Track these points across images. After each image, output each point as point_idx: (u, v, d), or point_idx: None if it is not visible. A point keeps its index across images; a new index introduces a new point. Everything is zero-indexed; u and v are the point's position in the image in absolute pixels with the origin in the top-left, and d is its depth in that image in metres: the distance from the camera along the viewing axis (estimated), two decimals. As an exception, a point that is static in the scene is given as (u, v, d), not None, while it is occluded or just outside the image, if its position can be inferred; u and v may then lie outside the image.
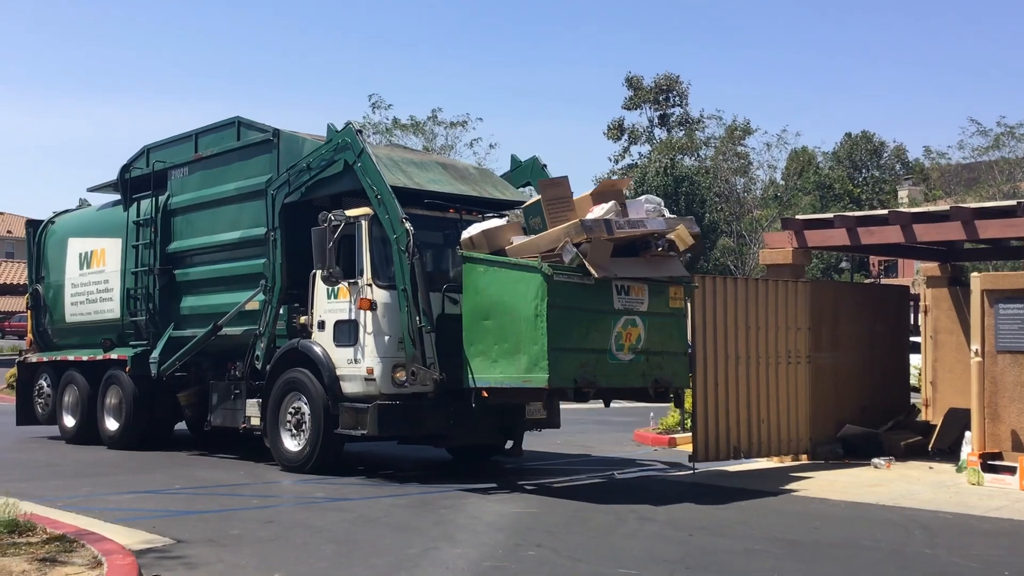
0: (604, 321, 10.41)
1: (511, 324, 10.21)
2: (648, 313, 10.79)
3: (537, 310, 9.94)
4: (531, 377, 9.98)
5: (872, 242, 13.40)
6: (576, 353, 10.13)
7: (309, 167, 12.18)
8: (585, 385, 10.16)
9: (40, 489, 10.34)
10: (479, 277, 10.66)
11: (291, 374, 11.97)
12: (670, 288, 11.10)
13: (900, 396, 15.21)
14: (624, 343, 10.58)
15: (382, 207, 11.23)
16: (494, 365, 10.36)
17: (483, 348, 10.49)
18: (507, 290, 10.31)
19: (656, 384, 10.93)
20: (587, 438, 16.42)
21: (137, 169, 15.06)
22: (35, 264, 17.39)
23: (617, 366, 10.55)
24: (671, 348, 11.15)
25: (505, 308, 10.30)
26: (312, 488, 10.78)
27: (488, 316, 10.47)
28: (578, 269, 10.15)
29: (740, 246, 41.01)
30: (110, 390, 14.99)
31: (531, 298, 10.02)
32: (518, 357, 10.11)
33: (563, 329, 10.00)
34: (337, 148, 11.89)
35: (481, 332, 10.53)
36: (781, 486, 11.06)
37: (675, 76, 51.73)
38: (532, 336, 9.95)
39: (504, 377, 10.27)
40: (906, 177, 58.75)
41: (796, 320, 13.11)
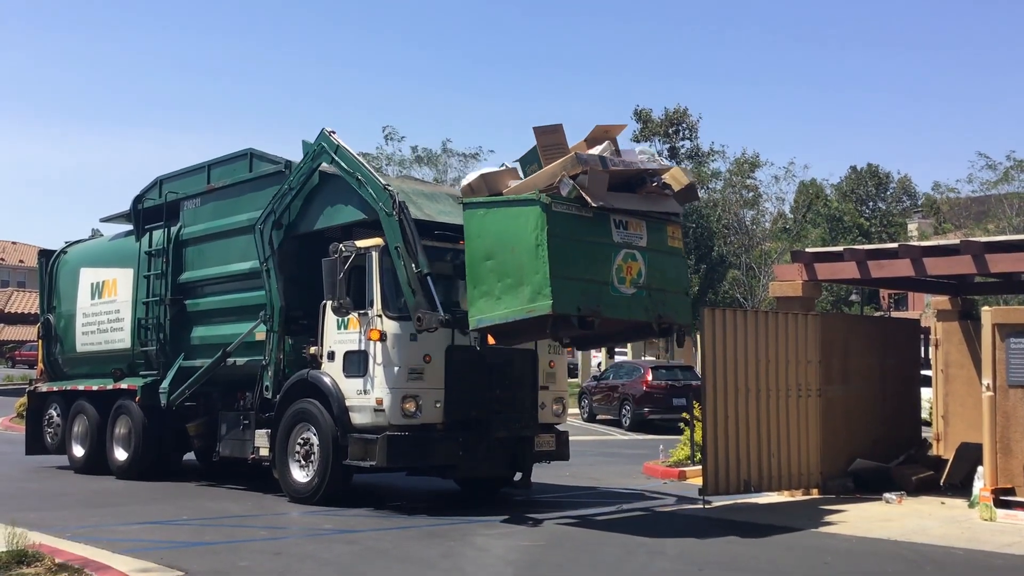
0: (604, 253, 10.43)
1: (513, 259, 10.21)
2: (647, 249, 10.80)
3: (537, 240, 9.96)
4: (535, 306, 9.93)
5: (882, 275, 13.38)
6: (578, 283, 10.11)
7: (291, 188, 12.39)
8: (588, 313, 10.06)
9: (49, 519, 10.33)
10: (479, 221, 10.67)
11: (300, 405, 11.97)
12: (668, 227, 11.15)
13: (911, 430, 15.11)
14: (625, 276, 10.58)
15: (364, 187, 11.48)
16: (498, 302, 10.31)
17: (486, 288, 10.45)
18: (507, 227, 10.35)
19: (660, 320, 10.87)
20: (596, 470, 16.33)
21: (150, 200, 15.18)
22: (47, 294, 17.47)
23: (620, 298, 10.50)
24: (673, 287, 11.17)
25: (506, 245, 10.31)
26: (320, 519, 10.74)
27: (490, 256, 10.46)
28: (576, 201, 10.20)
29: (749, 278, 40.96)
30: (120, 420, 15.00)
31: (531, 230, 10.04)
32: (521, 290, 10.07)
33: (564, 258, 10.00)
34: (314, 156, 12.18)
35: (484, 273, 10.50)
36: (791, 520, 10.98)
37: (684, 109, 51.90)
38: (534, 266, 9.95)
39: (508, 312, 10.20)
40: (916, 210, 58.74)
41: (806, 353, 13.07)
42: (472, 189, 11.12)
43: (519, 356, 11.98)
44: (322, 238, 12.21)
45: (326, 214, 12.39)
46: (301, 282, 12.53)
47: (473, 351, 11.50)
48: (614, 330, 11.34)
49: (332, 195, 12.29)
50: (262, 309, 12.73)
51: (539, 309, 9.91)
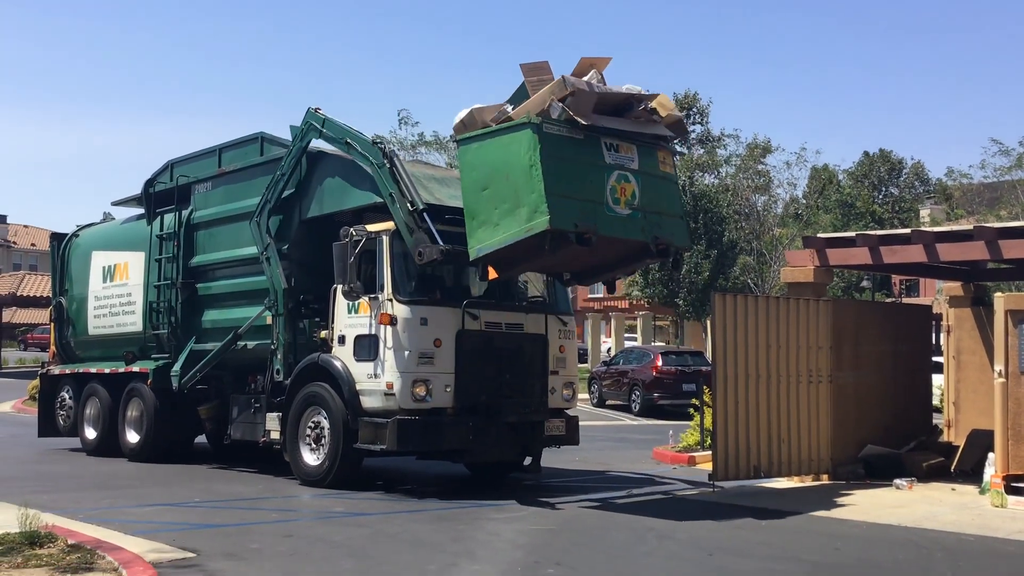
0: (597, 174, 10.52)
1: (508, 185, 10.32)
2: (640, 172, 10.88)
3: (531, 160, 10.08)
4: (532, 224, 10.02)
5: (894, 261, 13.32)
6: (573, 200, 10.21)
7: (283, 174, 12.61)
8: (586, 229, 10.11)
9: (61, 501, 10.41)
10: (473, 154, 10.82)
11: (311, 388, 12.00)
12: (658, 152, 11.22)
13: (922, 417, 15.07)
14: (620, 197, 10.65)
15: (352, 148, 11.83)
16: (496, 228, 10.39)
17: (484, 217, 10.55)
18: (501, 155, 10.46)
19: (657, 241, 10.95)
20: (606, 455, 16.35)
21: (161, 184, 15.20)
22: (59, 277, 17.53)
23: (615, 218, 10.59)
24: (668, 210, 11.23)
25: (501, 172, 10.42)
26: (331, 503, 10.78)
27: (486, 186, 10.56)
28: (566, 123, 10.31)
29: (760, 264, 40.82)
30: (131, 403, 15.07)
31: (524, 152, 10.15)
32: (518, 212, 10.17)
33: (558, 177, 10.12)
34: (303, 135, 12.46)
35: (481, 203, 10.61)
36: (802, 506, 10.98)
37: (694, 94, 51.63)
38: (529, 186, 10.07)
39: (507, 235, 10.29)
40: (928, 196, 58.40)
41: (817, 339, 13.03)
42: (464, 125, 11.16)
43: (529, 341, 11.99)
44: (332, 222, 12.21)
45: (329, 197, 12.40)
46: (311, 266, 12.54)
47: (484, 335, 11.53)
48: (612, 256, 11.38)
49: (330, 176, 12.37)
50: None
51: (537, 226, 9.98)
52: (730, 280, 38.67)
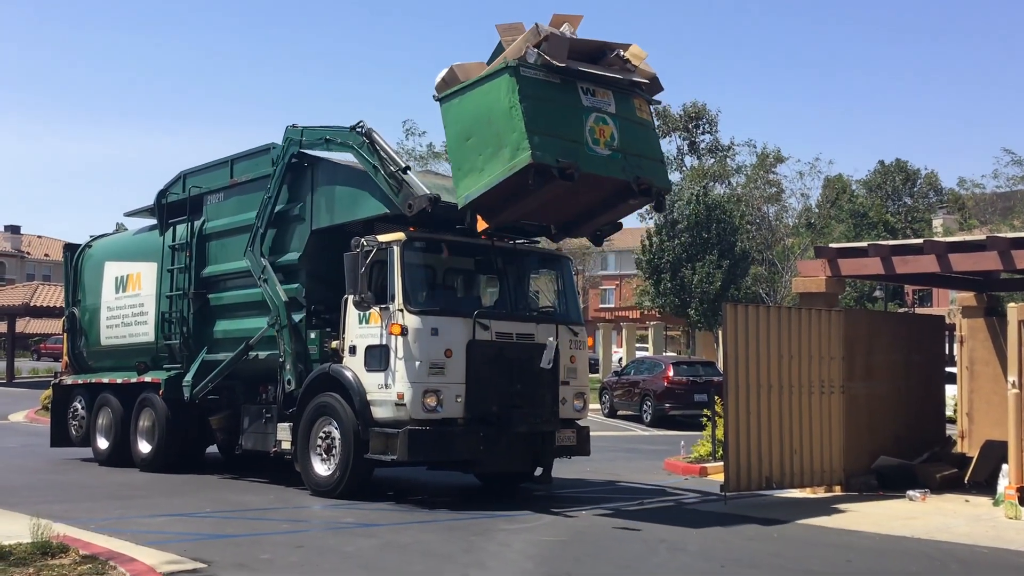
0: (575, 115, 10.67)
1: (490, 130, 10.52)
2: (617, 116, 11.02)
3: (511, 103, 10.28)
4: (515, 161, 10.18)
5: (907, 271, 13.27)
6: (554, 139, 10.38)
7: (271, 197, 13.02)
8: (568, 166, 10.26)
9: (73, 511, 10.43)
10: (455, 108, 11.02)
11: (322, 399, 12.01)
12: (634, 99, 11.31)
13: (935, 427, 14.99)
14: (599, 138, 10.81)
15: (332, 143, 12.30)
16: (482, 173, 10.56)
17: (469, 166, 10.73)
18: (481, 103, 10.67)
19: (639, 181, 11.04)
20: (617, 466, 16.31)
21: (173, 194, 15.26)
22: (72, 287, 17.61)
23: (596, 157, 10.72)
24: (648, 153, 11.36)
25: (483, 120, 10.62)
26: (342, 513, 10.78)
27: (469, 135, 10.78)
28: (543, 67, 10.49)
29: (772, 274, 40.71)
30: (143, 413, 15.11)
31: (504, 96, 10.37)
32: (501, 153, 10.36)
33: (538, 117, 10.30)
34: (284, 152, 12.92)
35: (465, 153, 10.82)
36: (814, 518, 10.92)
37: (703, 105, 51.59)
38: (510, 126, 10.27)
39: (492, 177, 10.44)
40: (941, 206, 58.21)
41: (829, 349, 12.98)
42: (445, 83, 11.30)
43: (540, 351, 11.97)
44: (343, 232, 12.24)
45: (339, 208, 12.46)
46: (323, 277, 12.57)
47: (495, 345, 11.52)
48: (595, 201, 11.42)
49: (339, 186, 12.46)
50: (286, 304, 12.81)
51: (520, 162, 10.14)
52: (742, 290, 38.58)
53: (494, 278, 12.35)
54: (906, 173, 61.22)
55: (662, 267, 39.14)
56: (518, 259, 12.38)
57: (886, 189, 59.96)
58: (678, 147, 52.22)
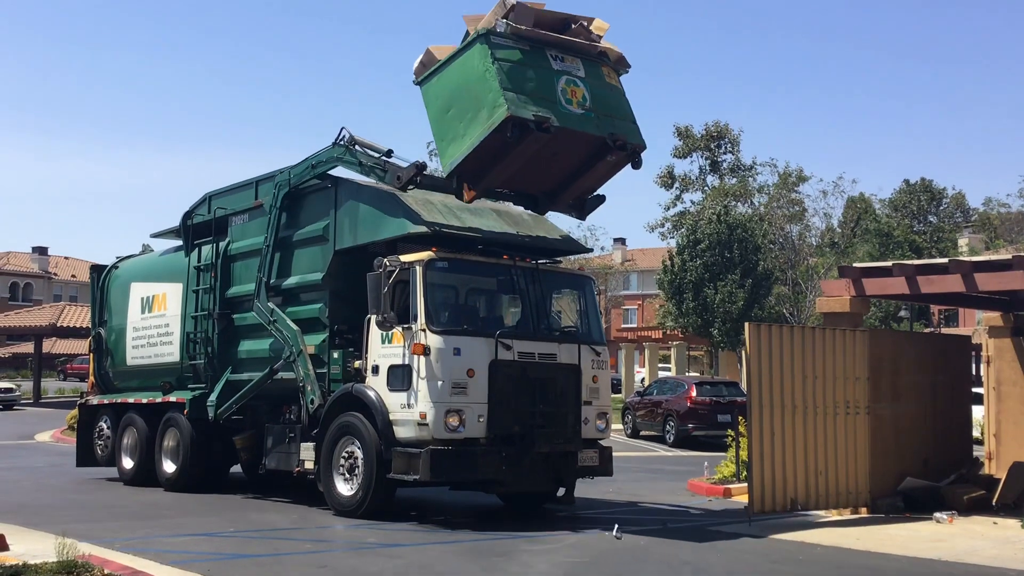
0: (547, 77, 11.22)
1: (468, 95, 11.06)
2: (587, 79, 11.53)
3: (485, 66, 10.91)
4: (493, 119, 10.69)
5: (932, 291, 13.17)
6: (528, 96, 10.91)
7: (268, 246, 13.54)
8: (543, 119, 10.77)
9: (98, 530, 10.49)
10: (434, 87, 11.57)
11: (345, 418, 12.03)
12: (602, 67, 11.81)
13: (963, 449, 14.82)
14: (571, 99, 11.28)
15: (319, 166, 12.85)
16: (464, 138, 11.09)
17: (453, 134, 11.25)
18: (458, 76, 11.27)
19: (614, 137, 11.46)
20: (640, 487, 16.22)
21: (199, 216, 15.40)
22: (98, 308, 17.77)
23: (570, 114, 11.20)
24: (620, 114, 11.76)
25: (461, 90, 11.19)
26: (364, 533, 10.78)
27: (450, 107, 11.30)
28: (512, 36, 11.09)
29: (796, 294, 40.52)
30: (168, 432, 15.19)
31: (478, 63, 10.99)
32: (480, 114, 10.88)
33: (511, 77, 10.88)
34: (277, 198, 13.48)
35: (447, 124, 11.33)
36: (840, 540, 10.81)
37: (725, 124, 51.57)
38: (486, 88, 10.83)
39: (473, 139, 10.93)
40: (966, 225, 57.77)
41: (855, 370, 12.88)
42: (423, 65, 11.77)
43: (562, 371, 11.97)
44: (367, 253, 12.30)
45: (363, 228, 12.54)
46: (346, 296, 12.62)
47: (517, 365, 11.52)
48: (574, 161, 11.75)
49: (363, 206, 12.58)
50: (308, 323, 12.90)
51: (498, 117, 10.65)
52: (765, 310, 38.42)
53: (516, 298, 12.37)
54: (931, 192, 60.86)
55: (684, 287, 39.05)
56: (540, 279, 12.39)
57: (911, 208, 59.61)
58: (700, 167, 52.18)
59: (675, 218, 51.30)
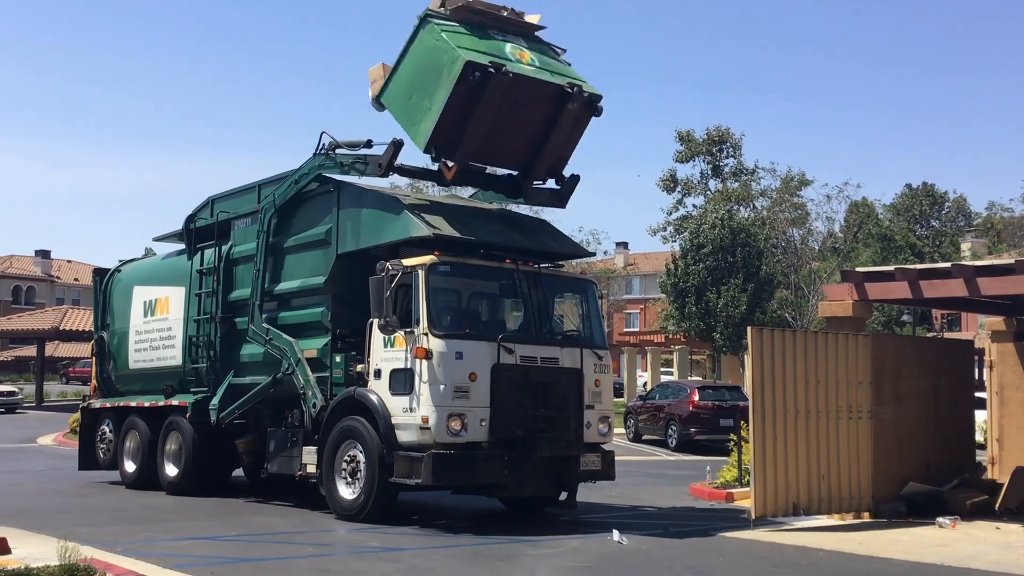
0: (495, 43, 12.01)
1: (426, 70, 11.74)
2: (531, 48, 12.31)
3: (435, 38, 11.70)
4: (453, 72, 11.32)
5: (934, 295, 13.16)
6: (480, 52, 11.57)
7: (259, 270, 13.68)
8: (498, 69, 11.43)
9: (100, 534, 10.49)
10: (393, 88, 12.16)
11: (347, 422, 12.03)
12: (540, 44, 12.60)
13: (965, 453, 14.81)
14: (520, 58, 12.01)
15: (303, 179, 13.18)
16: (430, 109, 11.64)
17: (420, 113, 11.73)
18: (413, 64, 11.96)
19: (571, 84, 12.07)
20: (642, 491, 16.21)
21: (201, 219, 15.41)
22: (101, 311, 17.79)
23: (524, 68, 11.91)
24: (570, 74, 12.41)
25: (418, 70, 11.86)
26: (366, 537, 10.78)
27: (412, 93, 11.91)
28: (454, 16, 11.88)
29: (798, 298, 40.50)
30: (170, 436, 15.20)
31: (428, 40, 11.77)
32: (440, 78, 11.49)
33: (461, 41, 11.62)
34: (265, 222, 13.67)
35: (414, 108, 11.85)
36: (842, 545, 10.80)
37: (726, 129, 51.60)
38: (440, 54, 11.57)
39: (440, 101, 11.45)
40: (969, 230, 57.76)
41: (857, 374, 12.88)
42: (376, 83, 12.55)
43: (565, 375, 11.97)
44: (369, 257, 12.30)
45: (365, 232, 12.54)
46: (349, 300, 12.63)
47: (519, 369, 11.52)
48: (539, 117, 12.16)
49: (366, 210, 12.59)
50: (310, 327, 12.92)
51: (457, 67, 11.27)
52: (767, 314, 38.40)
53: (519, 302, 12.37)
54: (933, 197, 60.86)
55: (687, 291, 39.05)
56: (542, 283, 12.40)
57: (913, 212, 59.62)
58: (702, 171, 52.19)
59: (677, 222, 51.32)
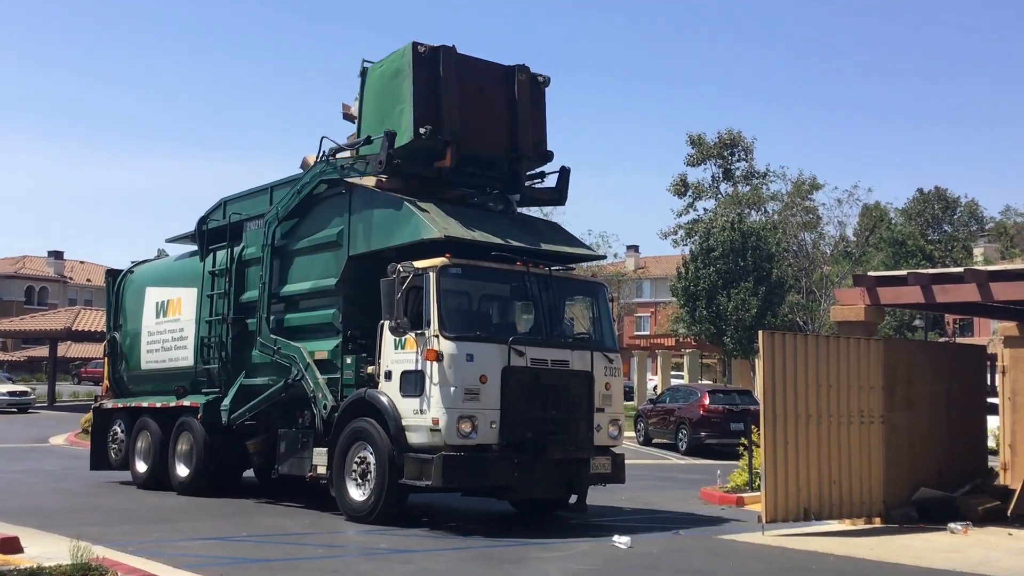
0: None
1: (384, 91, 12.73)
2: None
3: (380, 65, 12.90)
4: (405, 61, 12.32)
5: (947, 300, 13.10)
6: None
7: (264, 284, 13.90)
8: (441, 46, 12.37)
9: (112, 533, 10.53)
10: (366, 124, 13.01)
11: (357, 424, 12.05)
12: None
13: (977, 459, 14.73)
14: None
15: (305, 188, 13.42)
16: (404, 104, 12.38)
17: (396, 117, 12.40)
18: (372, 96, 13.02)
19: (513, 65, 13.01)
20: (652, 495, 16.19)
21: (214, 221, 15.46)
22: (113, 312, 17.86)
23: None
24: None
25: (377, 96, 12.87)
26: (376, 539, 10.79)
27: (383, 116, 12.65)
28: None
29: (810, 302, 40.38)
30: (182, 437, 15.25)
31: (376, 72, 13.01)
32: (399, 78, 12.45)
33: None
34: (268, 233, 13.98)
35: (390, 117, 12.50)
36: (853, 550, 10.76)
37: (738, 132, 51.48)
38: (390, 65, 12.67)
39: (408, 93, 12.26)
40: (981, 234, 57.52)
41: (869, 379, 12.83)
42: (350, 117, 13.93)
43: (575, 378, 11.96)
44: (380, 258, 12.32)
45: (376, 234, 12.57)
46: (359, 302, 12.65)
47: (530, 372, 11.52)
48: (500, 93, 12.82)
49: (377, 212, 12.62)
50: (321, 328, 12.96)
51: (407, 54, 12.27)
52: (778, 318, 38.28)
53: (529, 304, 12.37)
54: (945, 201, 60.65)
55: (698, 294, 38.95)
56: (553, 285, 12.40)
57: (925, 217, 59.42)
58: (713, 175, 52.09)
59: (688, 226, 51.21)
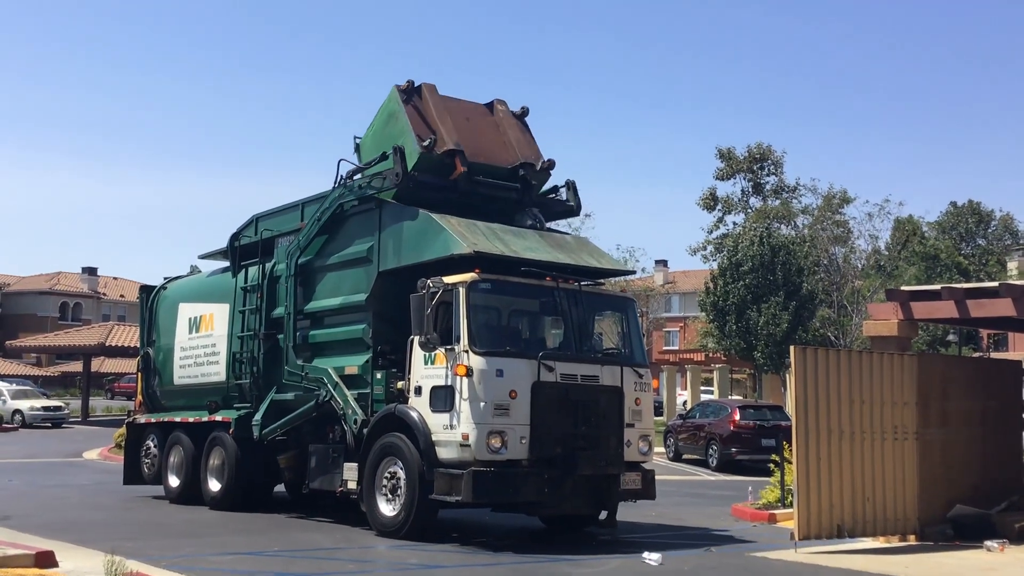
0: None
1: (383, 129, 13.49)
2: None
3: (371, 127, 13.86)
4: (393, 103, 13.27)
5: (982, 315, 12.96)
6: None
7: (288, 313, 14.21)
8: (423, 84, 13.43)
9: (146, 548, 10.62)
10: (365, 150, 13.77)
11: (387, 439, 12.07)
12: None
13: (1014, 475, 14.52)
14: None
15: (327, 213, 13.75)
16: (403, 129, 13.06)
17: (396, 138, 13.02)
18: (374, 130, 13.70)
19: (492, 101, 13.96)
20: (683, 511, 16.08)
21: (246, 237, 15.60)
22: (147, 328, 18.03)
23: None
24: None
25: (375, 140, 13.66)
26: (406, 554, 10.80)
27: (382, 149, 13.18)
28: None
29: (841, 317, 40.01)
30: (214, 451, 15.34)
31: (369, 133, 13.80)
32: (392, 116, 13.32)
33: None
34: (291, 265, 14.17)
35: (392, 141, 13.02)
36: (887, 568, 10.63)
37: (768, 146, 51.21)
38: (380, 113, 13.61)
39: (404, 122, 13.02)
40: (1016, 248, 56.77)
41: (903, 394, 12.69)
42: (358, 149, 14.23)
43: (605, 393, 11.93)
44: (410, 274, 12.36)
45: (407, 250, 12.60)
46: (389, 317, 12.70)
47: (559, 387, 11.51)
48: (487, 123, 13.55)
49: (407, 228, 12.65)
50: (352, 344, 13.03)
51: (393, 96, 13.21)
52: (809, 332, 37.95)
53: (559, 319, 12.38)
54: (979, 215, 59.97)
55: (727, 309, 38.74)
56: (583, 300, 12.40)
57: (959, 231, 58.77)
58: (743, 189, 51.87)
59: (717, 240, 50.97)
